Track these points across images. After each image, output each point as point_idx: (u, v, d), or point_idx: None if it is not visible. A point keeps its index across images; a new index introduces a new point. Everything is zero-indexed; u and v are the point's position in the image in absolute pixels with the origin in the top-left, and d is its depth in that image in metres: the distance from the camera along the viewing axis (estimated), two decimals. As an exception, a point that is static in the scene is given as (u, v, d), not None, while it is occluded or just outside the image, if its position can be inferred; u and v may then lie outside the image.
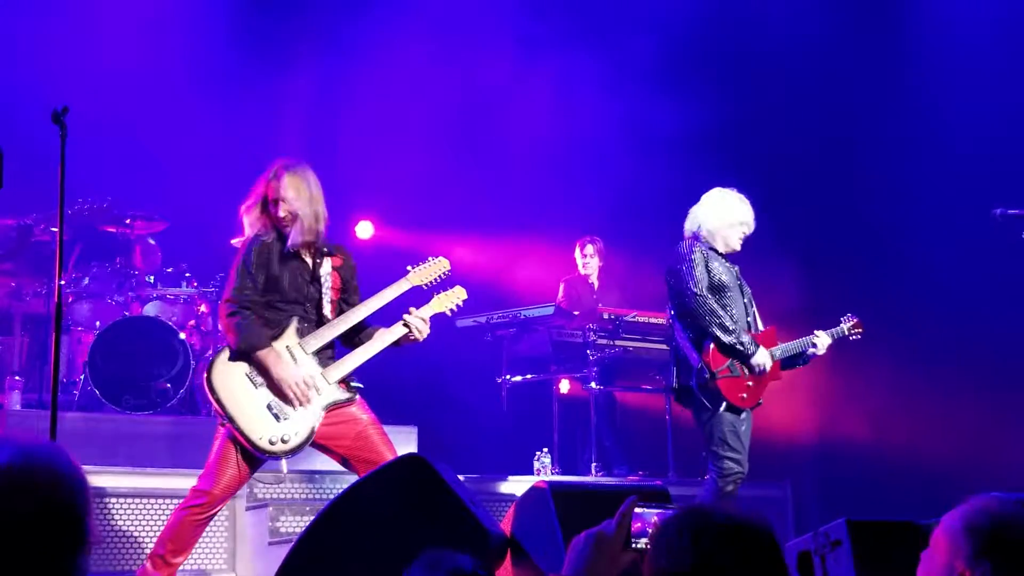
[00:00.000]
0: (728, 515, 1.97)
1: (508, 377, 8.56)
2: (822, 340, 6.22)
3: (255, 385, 4.66)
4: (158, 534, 4.88)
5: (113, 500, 5.72)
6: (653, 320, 8.40)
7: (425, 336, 4.92)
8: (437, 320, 5.09)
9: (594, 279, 9.09)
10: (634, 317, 8.31)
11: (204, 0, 9.42)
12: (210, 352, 7.66)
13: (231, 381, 4.65)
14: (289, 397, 4.64)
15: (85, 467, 5.07)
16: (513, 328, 8.55)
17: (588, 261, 9.05)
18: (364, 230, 10.11)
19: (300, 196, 4.80)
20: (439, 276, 5.16)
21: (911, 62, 9.23)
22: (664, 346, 8.38)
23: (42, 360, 7.54)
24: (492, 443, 8.50)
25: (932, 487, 6.75)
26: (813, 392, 9.72)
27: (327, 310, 4.88)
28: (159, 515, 5.72)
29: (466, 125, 10.04)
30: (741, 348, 5.86)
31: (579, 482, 6.95)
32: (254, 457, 4.66)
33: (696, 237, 6.13)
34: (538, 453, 7.74)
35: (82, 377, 7.42)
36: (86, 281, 7.93)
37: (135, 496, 5.78)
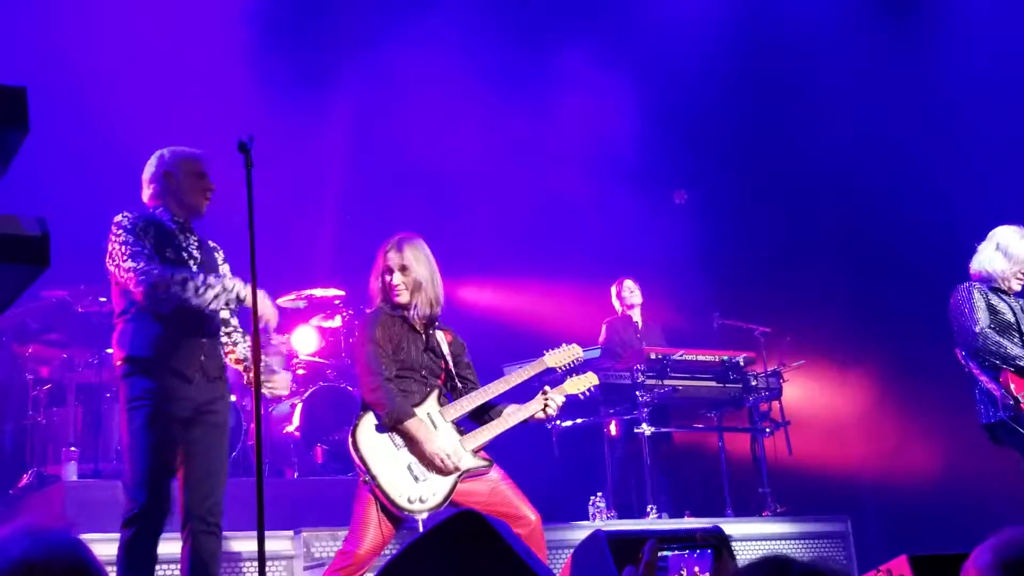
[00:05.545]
0: (807, 564, 1.93)
1: (558, 422, 8.51)
2: None
3: (396, 446, 4.83)
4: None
5: (168, 566, 5.72)
6: (701, 358, 8.35)
7: (553, 414, 5.22)
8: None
9: (637, 317, 9.07)
10: (682, 355, 8.26)
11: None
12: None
13: (374, 441, 4.82)
14: (437, 466, 4.82)
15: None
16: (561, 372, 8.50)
17: (630, 297, 9.05)
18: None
19: (419, 265, 5.05)
20: (572, 361, 5.46)
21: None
22: (714, 383, 8.36)
23: (96, 430, 7.58)
24: (545, 490, 8.43)
25: (994, 518, 6.62)
26: (872, 426, 9.62)
27: (456, 382, 5.12)
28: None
29: (500, 170, 10.10)
30: None
31: (635, 528, 6.89)
32: (395, 517, 4.79)
33: (979, 277, 6.32)
34: (592, 498, 7.68)
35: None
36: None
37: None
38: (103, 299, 7.20)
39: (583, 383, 5.41)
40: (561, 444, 8.52)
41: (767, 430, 8.35)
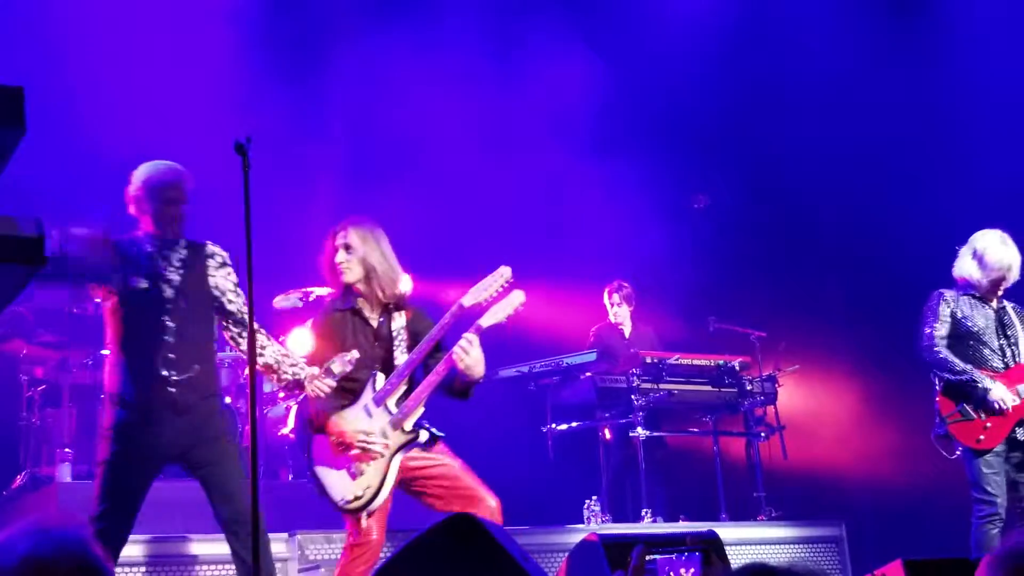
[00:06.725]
0: (788, 571, 1.93)
1: (553, 426, 8.50)
2: None
3: (340, 450, 4.79)
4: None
5: (172, 568, 5.72)
6: (697, 362, 8.34)
7: (475, 361, 4.67)
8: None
9: (625, 325, 9.03)
10: (677, 359, 8.25)
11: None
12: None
13: (324, 448, 4.84)
14: (360, 449, 4.73)
15: (145, 536, 5.14)
16: (556, 376, 8.49)
17: (617, 310, 9.02)
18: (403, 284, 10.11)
19: (368, 248, 4.93)
20: (499, 288, 4.85)
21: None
22: (709, 387, 8.35)
23: (90, 431, 7.55)
24: (541, 493, 8.45)
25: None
26: (867, 431, 9.60)
27: (399, 364, 4.88)
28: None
29: (497, 171, 10.08)
30: (972, 388, 6.01)
31: (629, 532, 6.89)
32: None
33: (962, 283, 6.32)
34: (588, 502, 7.68)
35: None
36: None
37: (193, 563, 5.78)
38: (97, 300, 7.17)
39: (507, 305, 4.72)
40: (556, 448, 8.52)
41: (762, 434, 8.35)
